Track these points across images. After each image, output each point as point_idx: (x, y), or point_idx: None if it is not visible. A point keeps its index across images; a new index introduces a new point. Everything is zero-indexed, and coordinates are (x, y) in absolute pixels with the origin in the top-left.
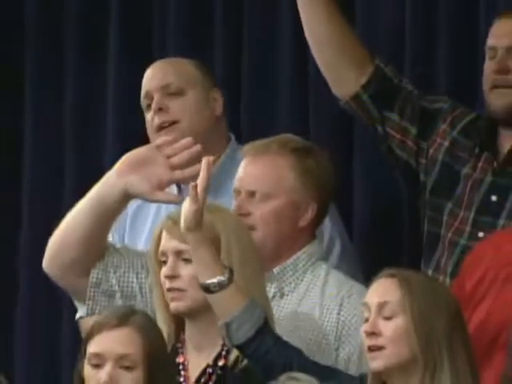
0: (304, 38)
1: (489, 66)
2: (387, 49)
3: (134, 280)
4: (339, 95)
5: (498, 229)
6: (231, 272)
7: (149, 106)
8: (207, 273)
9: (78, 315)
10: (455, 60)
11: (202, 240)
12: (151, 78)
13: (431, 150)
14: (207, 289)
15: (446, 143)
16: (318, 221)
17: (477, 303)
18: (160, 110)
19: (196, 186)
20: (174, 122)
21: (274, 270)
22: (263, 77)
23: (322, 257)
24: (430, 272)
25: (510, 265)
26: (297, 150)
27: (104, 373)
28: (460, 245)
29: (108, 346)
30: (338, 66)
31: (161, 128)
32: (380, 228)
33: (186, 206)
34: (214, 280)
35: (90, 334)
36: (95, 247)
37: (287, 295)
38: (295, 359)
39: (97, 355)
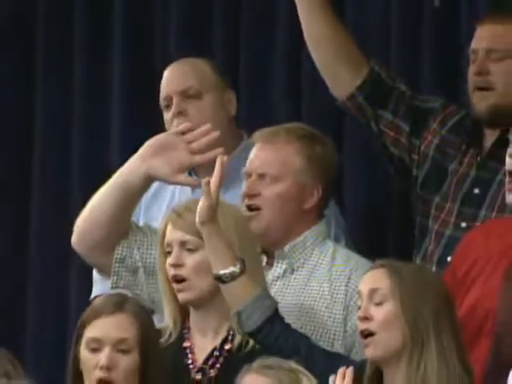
0: (299, 41)
1: (471, 69)
2: (373, 47)
3: (157, 256)
4: (336, 95)
5: (479, 219)
6: (243, 263)
7: (167, 106)
8: (220, 264)
9: (92, 295)
10: (438, 60)
11: (215, 233)
12: (171, 80)
13: (422, 147)
14: (220, 279)
15: (436, 141)
16: (322, 203)
17: (466, 290)
18: (179, 113)
19: (209, 183)
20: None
21: (285, 248)
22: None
23: (328, 235)
24: (418, 260)
25: (496, 255)
26: (303, 137)
27: (103, 356)
28: (446, 235)
29: (106, 331)
30: (335, 67)
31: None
32: (368, 221)
33: (201, 202)
34: (227, 271)
35: (86, 320)
36: (120, 226)
37: (297, 270)
38: (303, 345)
39: (95, 340)
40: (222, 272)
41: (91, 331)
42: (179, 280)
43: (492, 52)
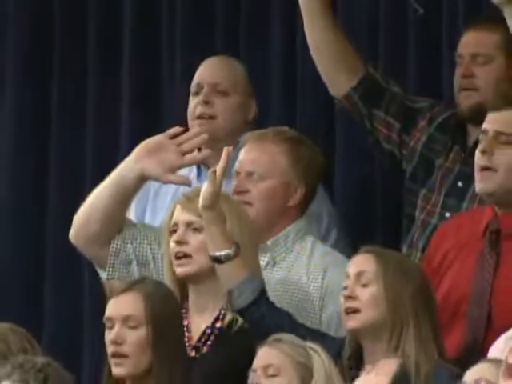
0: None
1: (457, 71)
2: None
3: (148, 250)
4: (334, 94)
5: (462, 210)
6: (238, 247)
7: (196, 93)
8: (217, 246)
9: (103, 278)
10: (423, 60)
11: (215, 218)
12: (206, 71)
13: (412, 143)
14: (216, 260)
15: (424, 138)
16: (305, 201)
17: (441, 278)
18: (206, 102)
19: (215, 172)
20: (211, 117)
21: (268, 242)
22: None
23: (308, 231)
24: (405, 247)
25: (468, 245)
26: (289, 139)
27: (112, 332)
28: (431, 224)
29: (115, 309)
30: (334, 69)
31: (199, 117)
32: (358, 211)
33: (204, 188)
34: (222, 253)
35: (107, 300)
36: (115, 222)
37: (279, 263)
38: (286, 323)
39: (108, 319)
40: (217, 253)
41: (106, 311)
42: (181, 256)
43: (477, 57)
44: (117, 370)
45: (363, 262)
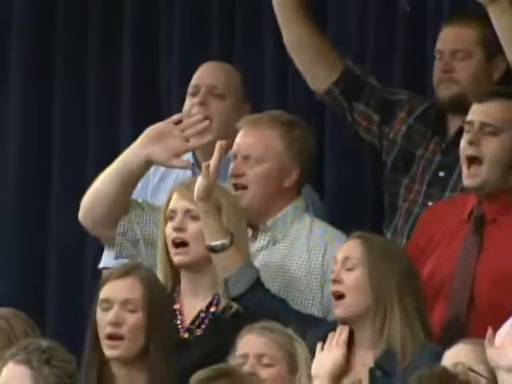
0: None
1: (437, 66)
2: (353, 46)
3: (154, 230)
4: (315, 89)
5: (444, 199)
6: (232, 237)
7: (193, 94)
8: (213, 236)
9: (100, 265)
10: (408, 59)
11: (210, 209)
12: (203, 74)
13: (391, 134)
14: (212, 249)
15: (404, 128)
16: (301, 181)
17: (426, 260)
18: (202, 103)
19: (208, 166)
20: (206, 118)
21: (268, 223)
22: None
23: (305, 209)
24: (389, 235)
25: (452, 229)
26: (284, 123)
27: (111, 314)
28: (414, 212)
29: (114, 292)
30: (313, 66)
31: None
32: (346, 198)
33: (199, 181)
34: (218, 242)
35: (102, 284)
36: (121, 204)
37: (279, 242)
38: (281, 309)
39: (106, 300)
40: (213, 243)
41: (103, 293)
42: (178, 244)
43: (456, 52)
44: (111, 352)
45: (350, 248)
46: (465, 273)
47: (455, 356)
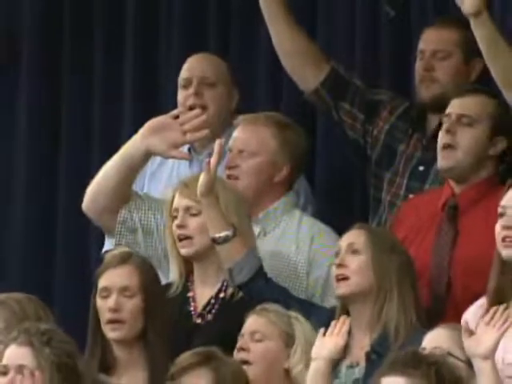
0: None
1: (419, 65)
2: (341, 50)
3: (152, 219)
4: (303, 89)
5: (424, 192)
6: (235, 228)
7: (185, 86)
8: (216, 228)
9: (103, 250)
10: (394, 60)
11: (212, 203)
12: (193, 66)
13: (375, 132)
14: (215, 241)
15: (387, 126)
16: (291, 179)
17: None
18: (196, 94)
19: (209, 162)
20: (202, 107)
21: (260, 215)
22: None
23: (296, 205)
24: (374, 226)
25: (428, 221)
26: (279, 123)
27: (111, 300)
28: (396, 205)
29: (113, 280)
30: (300, 68)
31: (191, 108)
32: (336, 192)
33: (201, 177)
34: (221, 234)
35: (100, 273)
36: (122, 194)
37: (269, 233)
38: (281, 296)
39: (105, 288)
40: (217, 235)
41: (102, 282)
42: (182, 238)
43: (437, 52)
44: (113, 334)
45: (354, 235)
46: (441, 261)
47: (435, 340)
